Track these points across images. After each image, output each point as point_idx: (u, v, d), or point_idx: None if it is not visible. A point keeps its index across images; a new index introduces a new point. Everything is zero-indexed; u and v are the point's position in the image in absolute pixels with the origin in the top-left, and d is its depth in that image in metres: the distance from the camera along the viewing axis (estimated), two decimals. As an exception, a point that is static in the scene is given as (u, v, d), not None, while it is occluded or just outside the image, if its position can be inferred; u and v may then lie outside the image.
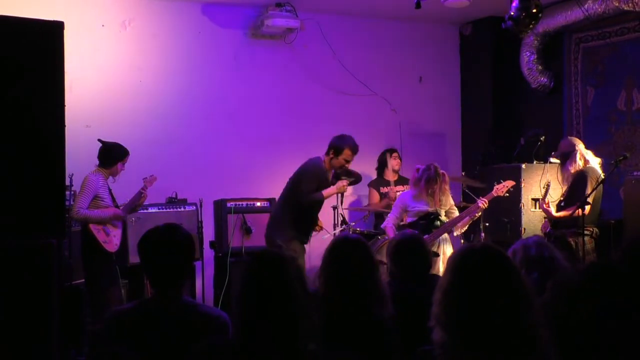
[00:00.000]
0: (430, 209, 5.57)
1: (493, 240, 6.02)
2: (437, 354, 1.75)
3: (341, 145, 5.56)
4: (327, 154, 5.63)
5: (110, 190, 5.52)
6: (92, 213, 5.31)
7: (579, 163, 5.45)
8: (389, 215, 5.84)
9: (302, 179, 5.59)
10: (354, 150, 5.60)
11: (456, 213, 5.69)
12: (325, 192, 5.55)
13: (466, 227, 5.79)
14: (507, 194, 5.70)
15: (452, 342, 1.71)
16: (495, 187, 5.62)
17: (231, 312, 2.10)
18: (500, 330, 1.66)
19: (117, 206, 5.55)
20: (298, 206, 5.56)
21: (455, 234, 5.72)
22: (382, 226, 5.88)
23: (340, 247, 2.83)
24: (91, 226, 5.30)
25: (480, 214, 5.66)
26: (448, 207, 5.68)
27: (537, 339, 1.65)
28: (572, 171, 5.45)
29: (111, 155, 5.45)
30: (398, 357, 2.59)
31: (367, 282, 2.71)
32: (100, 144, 5.49)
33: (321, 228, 5.97)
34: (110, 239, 5.40)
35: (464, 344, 1.69)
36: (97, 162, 5.46)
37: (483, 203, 5.51)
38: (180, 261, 2.57)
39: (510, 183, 5.67)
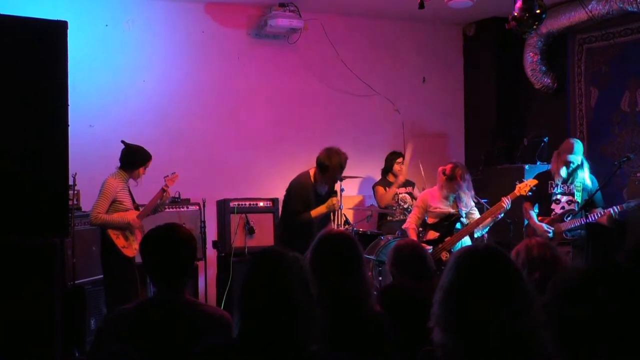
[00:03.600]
0: (452, 210, 5.54)
1: (496, 241, 6.01)
2: (437, 355, 1.75)
3: (326, 165, 5.30)
4: (316, 167, 5.43)
5: (130, 192, 5.43)
6: (110, 218, 5.21)
7: None
8: (409, 215, 5.79)
9: (289, 200, 5.47)
10: (340, 170, 5.36)
11: (476, 214, 5.60)
12: (313, 213, 5.36)
13: (487, 227, 5.66)
14: (530, 193, 5.50)
15: (452, 342, 1.70)
16: (517, 186, 5.46)
17: (233, 312, 2.09)
18: (500, 331, 1.66)
19: (137, 208, 5.47)
20: (291, 225, 5.44)
21: (475, 235, 5.58)
22: (403, 227, 5.82)
23: (324, 242, 2.79)
24: (109, 231, 5.23)
25: (502, 215, 5.51)
26: (469, 208, 5.58)
27: (537, 340, 1.64)
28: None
29: (134, 159, 5.34)
30: (392, 352, 2.57)
31: (353, 276, 2.69)
32: (124, 146, 5.37)
33: None
34: (130, 244, 5.31)
35: (463, 345, 1.69)
36: (119, 163, 5.36)
37: (506, 203, 5.36)
38: (182, 261, 2.57)
39: (532, 182, 5.49)
